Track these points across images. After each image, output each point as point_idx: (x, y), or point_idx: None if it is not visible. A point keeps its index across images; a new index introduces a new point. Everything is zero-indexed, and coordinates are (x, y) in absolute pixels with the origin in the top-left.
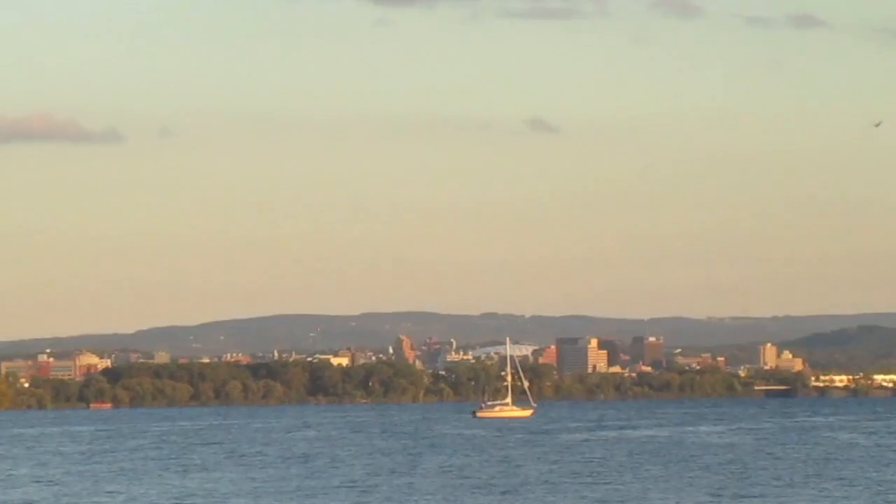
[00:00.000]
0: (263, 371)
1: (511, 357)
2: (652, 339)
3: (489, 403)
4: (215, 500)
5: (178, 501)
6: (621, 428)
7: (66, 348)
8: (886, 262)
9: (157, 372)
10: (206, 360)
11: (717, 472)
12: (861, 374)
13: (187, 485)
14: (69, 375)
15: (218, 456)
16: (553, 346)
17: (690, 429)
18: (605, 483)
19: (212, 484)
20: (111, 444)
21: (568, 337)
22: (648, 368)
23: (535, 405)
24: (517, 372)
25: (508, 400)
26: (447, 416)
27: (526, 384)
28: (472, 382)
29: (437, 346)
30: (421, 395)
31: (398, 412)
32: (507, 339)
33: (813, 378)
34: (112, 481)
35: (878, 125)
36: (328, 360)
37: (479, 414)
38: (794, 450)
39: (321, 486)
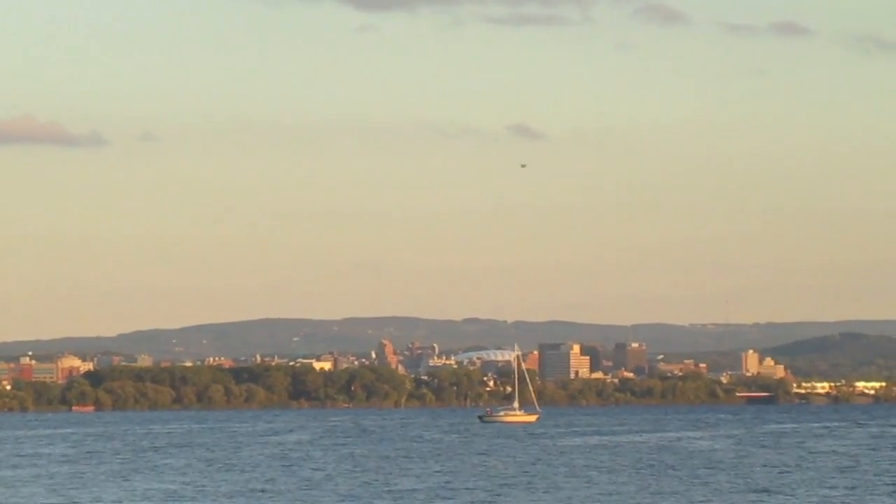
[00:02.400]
0: (246, 375)
1: (520, 365)
2: (634, 345)
3: (497, 409)
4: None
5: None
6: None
7: (48, 351)
8: (868, 271)
9: (140, 375)
10: (189, 364)
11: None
12: (843, 381)
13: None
14: (51, 378)
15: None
16: (535, 352)
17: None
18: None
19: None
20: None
21: (550, 343)
22: (631, 375)
23: (539, 411)
24: (523, 378)
25: (516, 405)
26: (458, 422)
27: (532, 391)
28: (455, 387)
29: (420, 351)
30: (403, 399)
31: (399, 418)
32: (515, 345)
33: (795, 385)
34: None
35: None
36: (310, 364)
37: (486, 419)
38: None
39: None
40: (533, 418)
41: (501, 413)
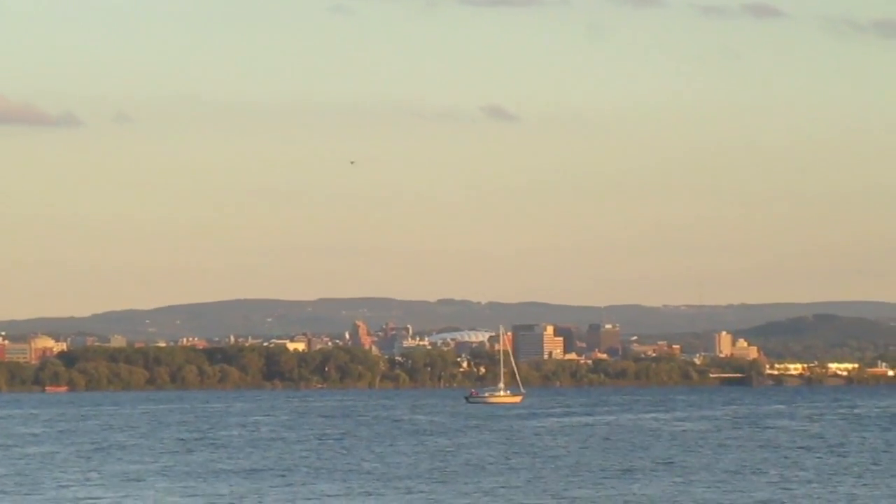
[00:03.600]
0: (219, 356)
1: (502, 348)
2: (608, 326)
3: (482, 390)
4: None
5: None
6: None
7: (21, 331)
8: (842, 253)
9: (113, 356)
10: (163, 345)
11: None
12: (816, 362)
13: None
14: (24, 359)
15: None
16: (509, 333)
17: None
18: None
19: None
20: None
21: (524, 324)
22: (604, 356)
23: (524, 392)
24: (509, 359)
25: (501, 385)
26: (443, 402)
27: (515, 371)
28: (428, 368)
29: (394, 332)
30: (377, 380)
31: (386, 399)
32: (500, 326)
33: (768, 366)
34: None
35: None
36: (284, 345)
37: (472, 400)
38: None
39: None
40: (517, 399)
41: (486, 394)
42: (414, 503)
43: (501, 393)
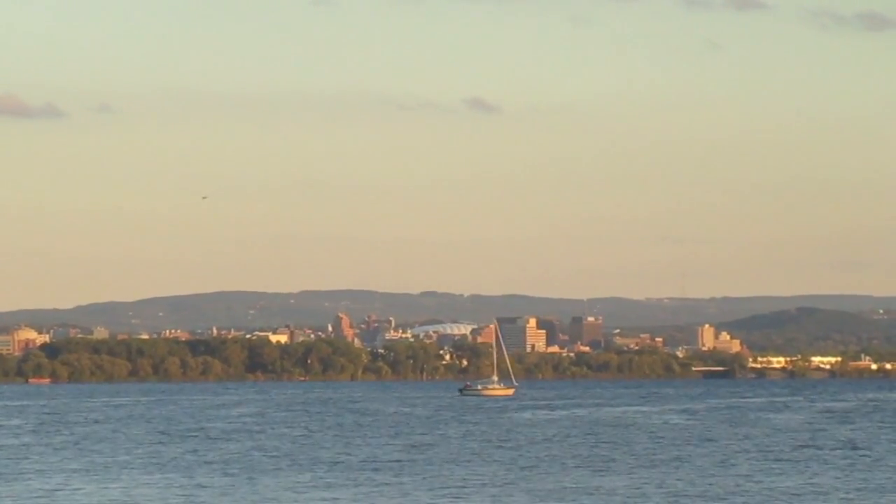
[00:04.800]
0: (202, 348)
1: (498, 339)
2: (591, 319)
3: (475, 383)
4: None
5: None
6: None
7: (4, 323)
8: (825, 246)
9: (96, 348)
10: (145, 337)
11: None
12: (798, 356)
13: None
14: (7, 350)
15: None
16: (491, 326)
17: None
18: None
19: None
20: None
21: (506, 316)
22: (587, 348)
23: (516, 384)
24: (502, 353)
25: (495, 378)
26: (441, 395)
27: (508, 364)
28: (411, 361)
29: (376, 325)
30: (359, 372)
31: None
32: (494, 320)
33: (751, 360)
34: None
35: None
36: (267, 337)
37: (466, 392)
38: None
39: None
40: (510, 391)
41: (479, 387)
42: (370, 495)
43: (494, 386)
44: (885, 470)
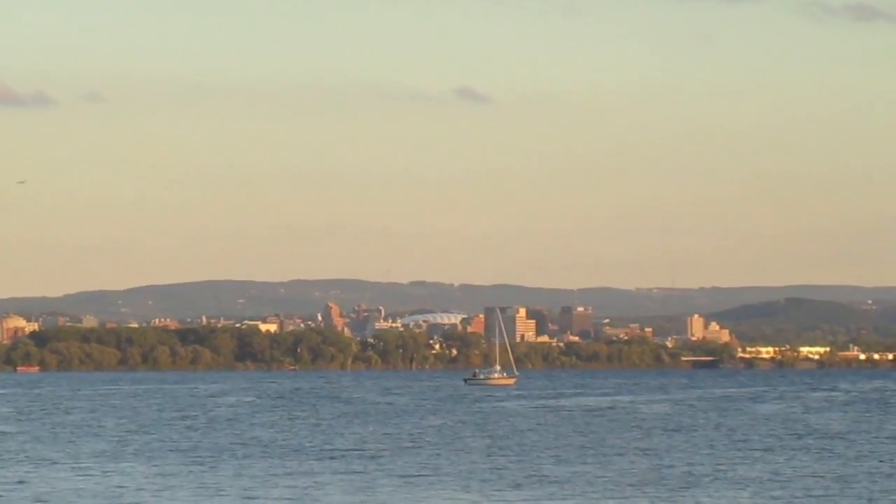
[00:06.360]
0: (192, 337)
1: (499, 329)
2: (580, 309)
3: (482, 371)
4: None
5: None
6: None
7: None
8: (814, 236)
9: (85, 336)
10: (135, 325)
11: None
12: (787, 346)
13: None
14: None
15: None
16: (481, 315)
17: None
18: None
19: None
20: None
21: (496, 306)
22: (576, 339)
23: (517, 374)
24: (504, 342)
25: (498, 367)
26: (449, 384)
27: (510, 354)
28: (401, 350)
29: (366, 314)
30: (349, 362)
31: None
32: (496, 310)
33: (740, 350)
34: None
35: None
36: (256, 326)
37: (471, 382)
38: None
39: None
40: (512, 381)
41: (482, 377)
42: (338, 482)
43: (497, 375)
44: (843, 459)
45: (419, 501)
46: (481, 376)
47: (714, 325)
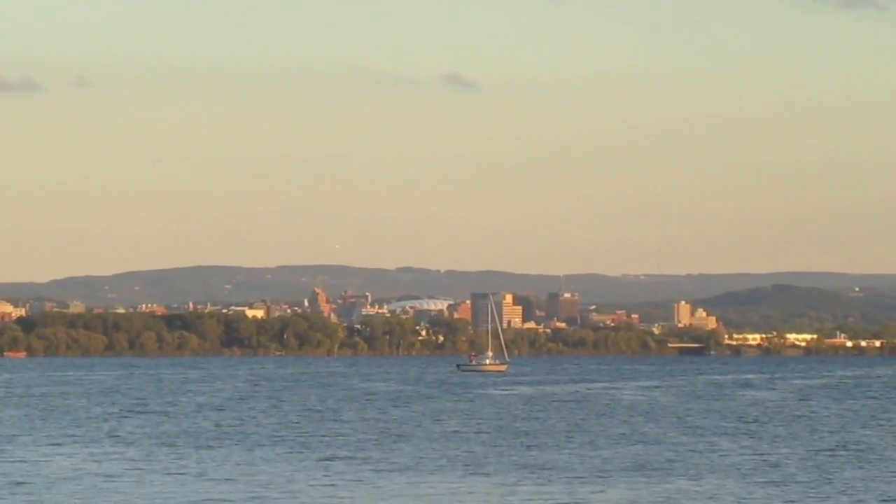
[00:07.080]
0: (178, 322)
1: (491, 316)
2: (567, 295)
3: (474, 357)
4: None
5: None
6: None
7: None
8: (800, 223)
9: (72, 322)
10: (121, 311)
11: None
12: (774, 333)
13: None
14: None
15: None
16: (468, 301)
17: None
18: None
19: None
20: None
21: (483, 292)
22: (563, 325)
23: (509, 360)
24: (497, 329)
25: (490, 354)
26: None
27: (502, 341)
28: (387, 336)
29: (353, 300)
30: (336, 348)
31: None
32: (490, 296)
33: (726, 336)
34: None
35: None
36: (243, 312)
37: (464, 368)
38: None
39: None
40: (503, 367)
41: (475, 363)
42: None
43: (489, 362)
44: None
45: (412, 486)
46: (474, 363)
47: (701, 312)
